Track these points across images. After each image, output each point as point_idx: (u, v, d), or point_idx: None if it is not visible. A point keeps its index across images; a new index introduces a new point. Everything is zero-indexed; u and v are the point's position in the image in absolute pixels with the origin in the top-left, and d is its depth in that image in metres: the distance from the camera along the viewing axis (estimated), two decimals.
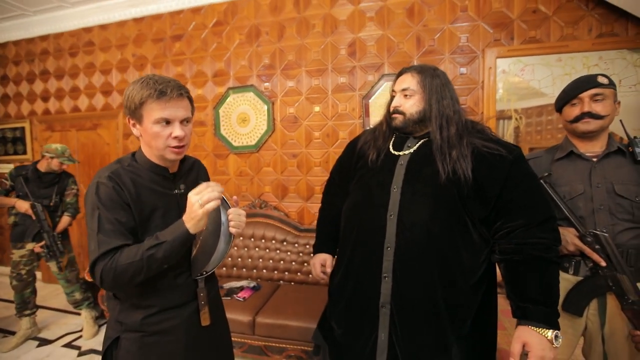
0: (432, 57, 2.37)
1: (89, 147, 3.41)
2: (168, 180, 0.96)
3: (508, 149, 0.98)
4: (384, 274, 1.00)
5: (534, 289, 0.91)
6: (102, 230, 0.82)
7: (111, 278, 0.80)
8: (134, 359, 0.90)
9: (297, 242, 2.53)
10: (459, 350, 0.96)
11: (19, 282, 2.38)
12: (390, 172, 1.06)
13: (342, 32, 2.54)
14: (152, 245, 0.81)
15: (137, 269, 0.80)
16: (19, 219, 2.36)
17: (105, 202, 0.84)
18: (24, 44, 3.54)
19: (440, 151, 1.00)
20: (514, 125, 2.27)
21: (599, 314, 1.13)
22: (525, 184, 0.97)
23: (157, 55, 3.02)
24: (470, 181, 0.96)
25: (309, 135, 2.66)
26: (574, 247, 1.12)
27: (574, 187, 1.16)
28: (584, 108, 1.14)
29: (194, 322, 0.97)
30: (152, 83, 0.86)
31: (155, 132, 0.87)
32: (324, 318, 1.22)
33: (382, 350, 1.00)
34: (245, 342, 2.02)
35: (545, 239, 0.93)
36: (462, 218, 0.97)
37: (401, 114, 1.08)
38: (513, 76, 2.25)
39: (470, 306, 0.98)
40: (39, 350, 2.30)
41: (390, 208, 1.02)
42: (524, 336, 0.89)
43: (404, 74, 1.11)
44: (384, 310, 1.00)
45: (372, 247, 1.02)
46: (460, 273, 0.96)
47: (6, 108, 3.70)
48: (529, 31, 2.22)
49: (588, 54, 2.12)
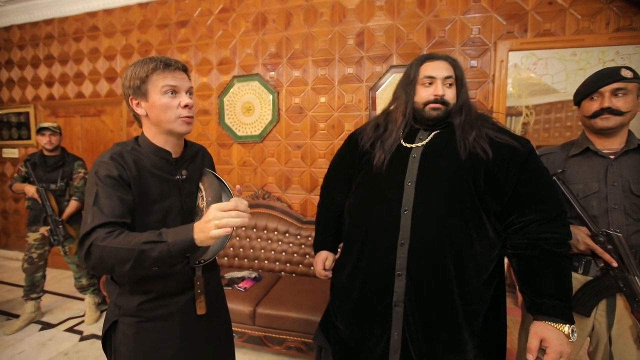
0: (442, 49, 2.31)
1: (92, 133, 3.39)
2: (170, 165, 0.94)
3: (520, 142, 0.96)
4: (398, 271, 0.96)
5: (550, 284, 0.90)
6: (97, 204, 0.79)
7: (97, 256, 0.74)
8: (130, 343, 0.90)
9: (299, 234, 2.51)
10: (473, 346, 0.94)
11: (30, 266, 2.40)
12: (403, 166, 1.02)
13: (350, 21, 2.48)
14: (150, 241, 0.73)
15: (125, 258, 0.73)
16: (31, 204, 2.39)
17: (105, 180, 0.81)
18: (29, 27, 3.50)
19: (461, 130, 0.98)
20: (523, 121, 2.22)
21: (607, 315, 1.11)
22: (538, 178, 0.95)
23: (162, 41, 2.98)
24: (490, 161, 0.93)
25: (314, 126, 2.62)
26: (584, 247, 1.09)
27: (589, 185, 1.12)
28: (603, 103, 1.08)
29: (190, 310, 0.96)
30: (155, 58, 0.87)
31: (164, 103, 0.86)
32: (327, 317, 1.17)
33: (396, 349, 0.97)
34: (245, 332, 2.03)
35: (558, 234, 0.92)
36: (478, 212, 0.94)
37: (445, 104, 1.00)
38: (525, 70, 2.19)
39: (483, 301, 0.96)
40: (41, 334, 2.33)
41: (405, 203, 0.98)
42: (541, 331, 0.88)
43: (437, 60, 1.02)
44: (397, 309, 0.97)
45: (384, 244, 0.99)
46: (474, 268, 0.94)
47: (10, 92, 3.69)
48: (543, 24, 2.15)
49: (604, 49, 2.05)
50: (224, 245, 0.96)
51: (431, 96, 1.00)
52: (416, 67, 1.04)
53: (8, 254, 3.85)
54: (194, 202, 0.98)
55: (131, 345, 0.90)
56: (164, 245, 0.72)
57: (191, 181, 0.98)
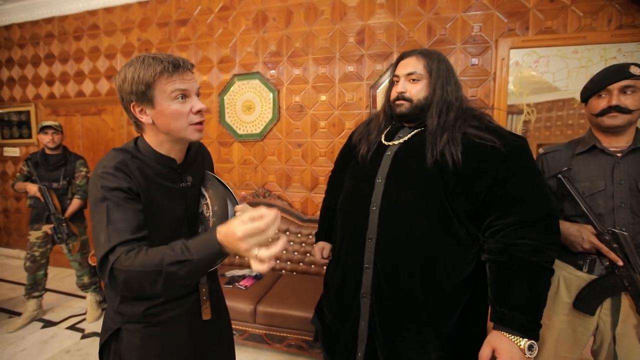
0: (442, 47, 2.30)
1: (93, 132, 3.40)
2: (175, 173, 0.88)
3: (504, 140, 0.90)
4: (366, 264, 1.00)
5: (514, 294, 0.85)
6: (111, 221, 0.72)
7: (123, 280, 0.68)
8: (137, 350, 0.87)
9: (300, 232, 2.51)
10: (438, 347, 0.93)
11: (33, 264, 2.40)
12: (377, 163, 1.04)
13: (351, 19, 2.48)
14: (175, 262, 0.66)
15: (152, 279, 0.67)
16: (33, 202, 2.39)
17: (114, 193, 0.75)
18: (29, 26, 3.50)
19: (432, 135, 0.96)
20: (524, 119, 2.21)
21: (612, 314, 1.10)
22: (519, 178, 0.89)
23: (162, 40, 2.97)
24: (460, 167, 0.90)
25: (315, 124, 2.62)
26: (589, 245, 1.08)
27: (595, 183, 1.11)
28: (611, 101, 1.06)
29: (196, 312, 0.95)
30: (159, 58, 0.78)
31: (175, 110, 0.78)
32: (319, 304, 1.26)
33: (363, 338, 1.01)
34: (246, 330, 2.03)
35: (535, 241, 0.85)
36: (446, 212, 0.92)
37: (407, 100, 1.02)
38: (526, 68, 2.18)
39: (453, 305, 0.94)
40: (43, 331, 2.34)
41: (373, 199, 1.00)
42: (494, 341, 0.85)
43: (408, 57, 1.05)
44: (364, 300, 1.00)
45: (356, 238, 1.02)
46: (442, 270, 0.93)
47: (11, 91, 3.70)
48: (545, 21, 2.13)
49: (606, 46, 2.04)
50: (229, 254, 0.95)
51: (395, 93, 1.05)
52: (394, 66, 1.10)
53: (10, 253, 3.87)
54: (197, 208, 0.95)
55: (138, 352, 0.87)
56: (188, 263, 0.66)
57: (195, 186, 0.93)
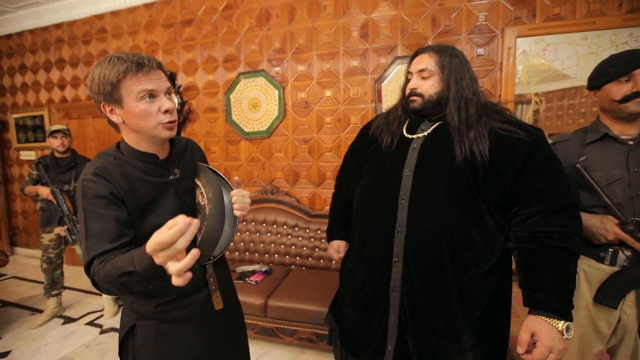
0: (448, 38, 2.27)
1: (104, 134, 3.48)
2: (160, 168, 0.89)
3: (528, 132, 0.94)
4: (395, 258, 0.99)
5: (547, 278, 0.88)
6: (90, 233, 0.74)
7: (103, 287, 0.73)
8: (151, 345, 0.89)
9: (308, 227, 2.54)
10: (470, 337, 0.95)
11: (49, 265, 2.49)
12: (403, 156, 1.04)
13: (354, 13, 2.46)
14: (123, 273, 0.66)
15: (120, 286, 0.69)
16: (44, 205, 2.46)
17: (94, 201, 0.76)
18: (40, 32, 3.59)
19: (458, 132, 0.97)
20: (534, 108, 2.18)
21: (637, 306, 1.07)
22: (544, 168, 0.93)
23: (168, 41, 3.01)
24: (488, 162, 0.92)
25: (320, 120, 2.62)
26: (613, 236, 1.05)
27: (610, 172, 1.08)
28: (638, 86, 1.03)
29: (208, 307, 0.97)
30: (124, 58, 0.77)
31: (142, 109, 0.78)
32: (336, 302, 1.23)
33: (393, 332, 1.00)
34: (257, 324, 2.07)
35: (562, 227, 0.88)
36: (476, 203, 0.94)
37: (419, 96, 1.04)
38: (534, 56, 2.14)
39: (483, 293, 0.96)
40: (64, 327, 2.43)
41: (402, 192, 1.00)
42: (533, 325, 0.87)
43: (421, 54, 1.07)
44: (394, 294, 1.00)
45: (384, 231, 1.02)
46: (472, 259, 0.94)
47: (25, 96, 3.80)
48: (552, 8, 2.09)
49: (617, 31, 1.99)
50: (231, 240, 0.97)
51: (408, 90, 1.08)
52: (408, 64, 1.12)
53: (29, 253, 4.01)
54: (194, 200, 0.96)
55: (153, 347, 0.90)
56: (135, 274, 0.65)
57: (186, 179, 0.94)
